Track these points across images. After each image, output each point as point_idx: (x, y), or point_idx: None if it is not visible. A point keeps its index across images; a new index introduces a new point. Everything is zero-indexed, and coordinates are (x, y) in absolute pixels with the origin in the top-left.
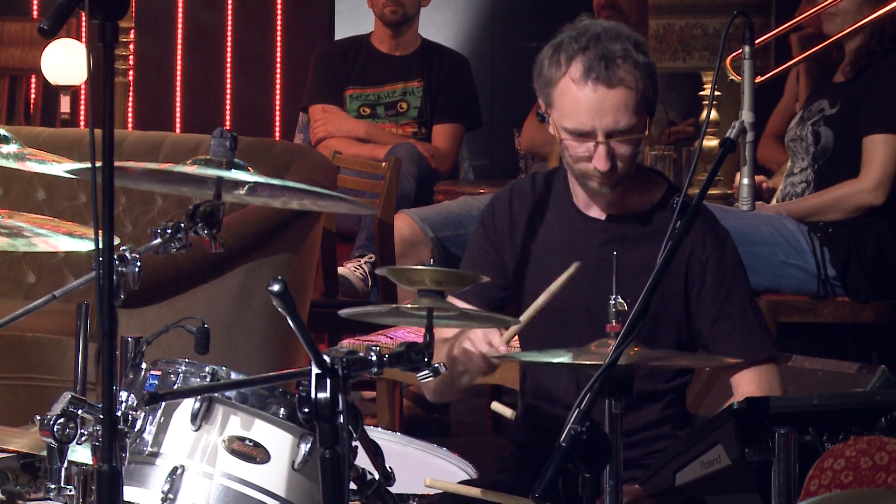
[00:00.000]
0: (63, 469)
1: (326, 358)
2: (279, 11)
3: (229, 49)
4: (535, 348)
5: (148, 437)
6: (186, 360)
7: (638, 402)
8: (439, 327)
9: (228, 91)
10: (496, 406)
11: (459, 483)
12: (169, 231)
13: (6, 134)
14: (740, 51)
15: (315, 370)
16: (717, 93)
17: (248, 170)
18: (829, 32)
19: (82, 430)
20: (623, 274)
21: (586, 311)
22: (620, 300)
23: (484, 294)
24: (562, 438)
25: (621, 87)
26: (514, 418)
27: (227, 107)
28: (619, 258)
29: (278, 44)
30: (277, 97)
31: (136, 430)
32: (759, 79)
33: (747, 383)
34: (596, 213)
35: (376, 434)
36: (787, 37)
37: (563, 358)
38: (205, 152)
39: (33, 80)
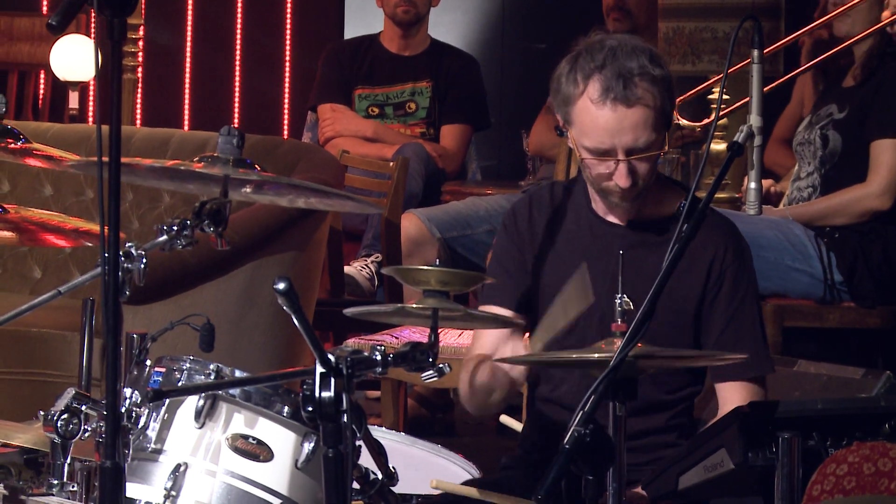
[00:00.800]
0: (66, 465)
1: (331, 357)
2: (289, 9)
3: (239, 46)
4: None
5: (151, 433)
6: (191, 358)
7: (647, 410)
8: (445, 328)
9: (237, 88)
10: (505, 419)
11: (464, 483)
12: (175, 228)
13: (14, 129)
14: (749, 59)
15: (319, 369)
16: (725, 96)
17: (256, 168)
18: (839, 33)
19: (86, 426)
20: (642, 278)
21: (601, 317)
22: (626, 299)
23: (514, 295)
24: (565, 440)
25: (640, 106)
26: (523, 424)
27: (236, 104)
28: (639, 263)
29: (288, 42)
30: (286, 95)
31: (139, 426)
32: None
33: (736, 397)
34: (615, 219)
35: (380, 434)
36: (797, 40)
37: (565, 359)
38: (212, 150)
39: (42, 75)
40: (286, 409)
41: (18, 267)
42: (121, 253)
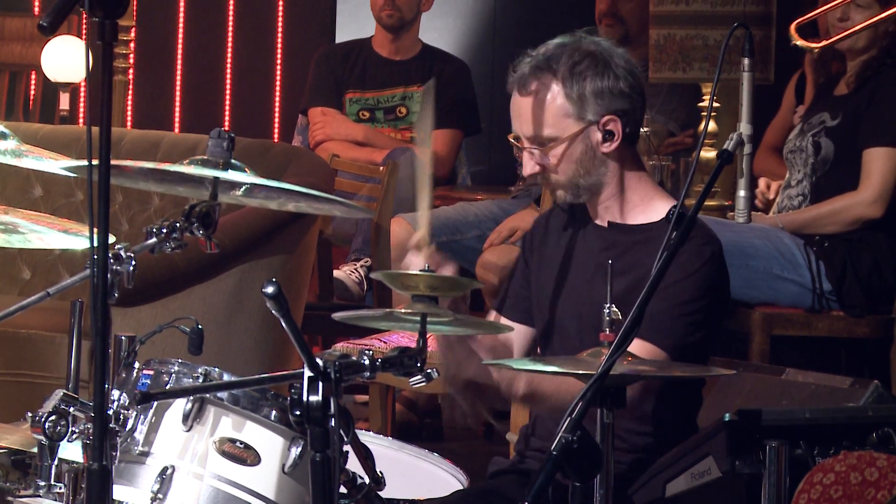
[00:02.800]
0: (53, 466)
1: (319, 361)
2: (280, 13)
3: (230, 49)
4: (531, 352)
5: (139, 436)
6: (179, 361)
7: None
8: (433, 333)
9: (228, 92)
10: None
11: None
12: (164, 230)
13: (4, 130)
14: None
15: (308, 373)
16: (715, 104)
17: (245, 171)
18: (842, 46)
19: (73, 428)
20: (614, 279)
21: (578, 316)
22: (615, 309)
23: (524, 307)
24: (552, 447)
25: (530, 97)
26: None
27: (227, 107)
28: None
29: (279, 45)
30: (277, 99)
31: (127, 429)
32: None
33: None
34: (601, 221)
35: (368, 438)
36: (790, 47)
37: (555, 367)
38: (202, 152)
39: (33, 76)
40: (274, 412)
41: (7, 268)
42: (110, 255)
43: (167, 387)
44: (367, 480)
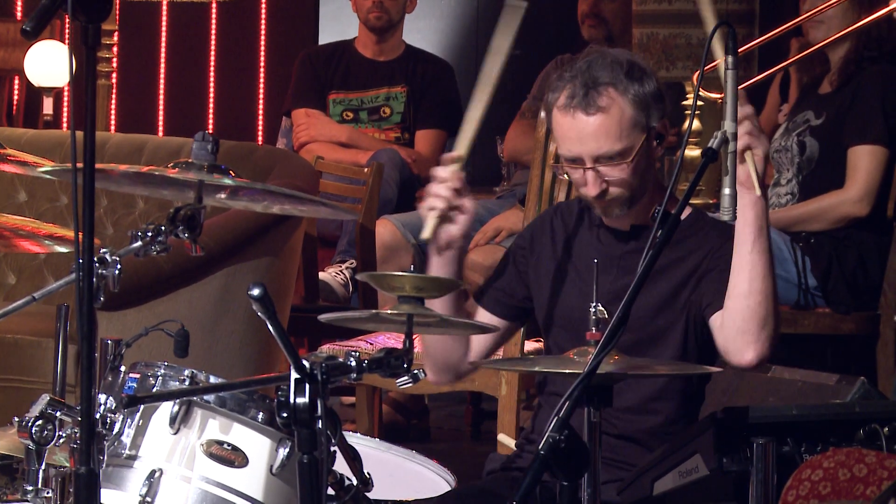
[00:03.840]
0: (41, 471)
1: (306, 363)
2: (263, 15)
3: (213, 52)
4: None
5: (126, 439)
6: (166, 364)
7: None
8: (419, 333)
9: (212, 94)
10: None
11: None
12: (149, 234)
13: None
14: (720, 60)
15: (294, 375)
16: (699, 102)
17: (230, 173)
18: (815, 40)
19: (60, 433)
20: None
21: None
22: (601, 308)
23: (506, 302)
24: (540, 446)
25: (600, 114)
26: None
27: (211, 110)
28: (636, 267)
29: (262, 48)
30: (261, 101)
31: (114, 432)
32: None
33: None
34: (619, 225)
35: (355, 440)
36: (771, 46)
37: (540, 366)
38: (187, 155)
39: (16, 81)
40: (261, 414)
41: None
42: (95, 259)
43: (154, 390)
44: (354, 481)
